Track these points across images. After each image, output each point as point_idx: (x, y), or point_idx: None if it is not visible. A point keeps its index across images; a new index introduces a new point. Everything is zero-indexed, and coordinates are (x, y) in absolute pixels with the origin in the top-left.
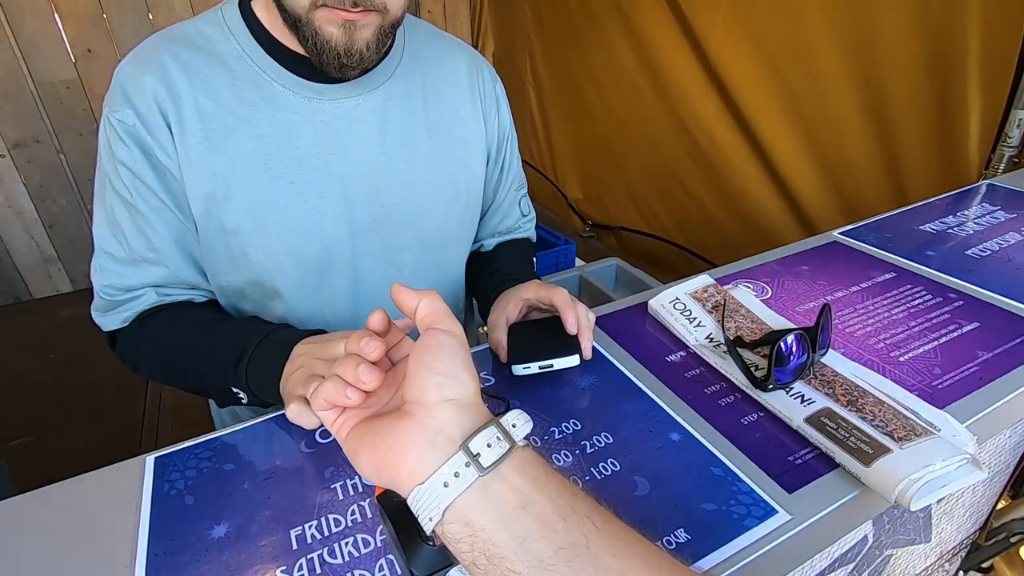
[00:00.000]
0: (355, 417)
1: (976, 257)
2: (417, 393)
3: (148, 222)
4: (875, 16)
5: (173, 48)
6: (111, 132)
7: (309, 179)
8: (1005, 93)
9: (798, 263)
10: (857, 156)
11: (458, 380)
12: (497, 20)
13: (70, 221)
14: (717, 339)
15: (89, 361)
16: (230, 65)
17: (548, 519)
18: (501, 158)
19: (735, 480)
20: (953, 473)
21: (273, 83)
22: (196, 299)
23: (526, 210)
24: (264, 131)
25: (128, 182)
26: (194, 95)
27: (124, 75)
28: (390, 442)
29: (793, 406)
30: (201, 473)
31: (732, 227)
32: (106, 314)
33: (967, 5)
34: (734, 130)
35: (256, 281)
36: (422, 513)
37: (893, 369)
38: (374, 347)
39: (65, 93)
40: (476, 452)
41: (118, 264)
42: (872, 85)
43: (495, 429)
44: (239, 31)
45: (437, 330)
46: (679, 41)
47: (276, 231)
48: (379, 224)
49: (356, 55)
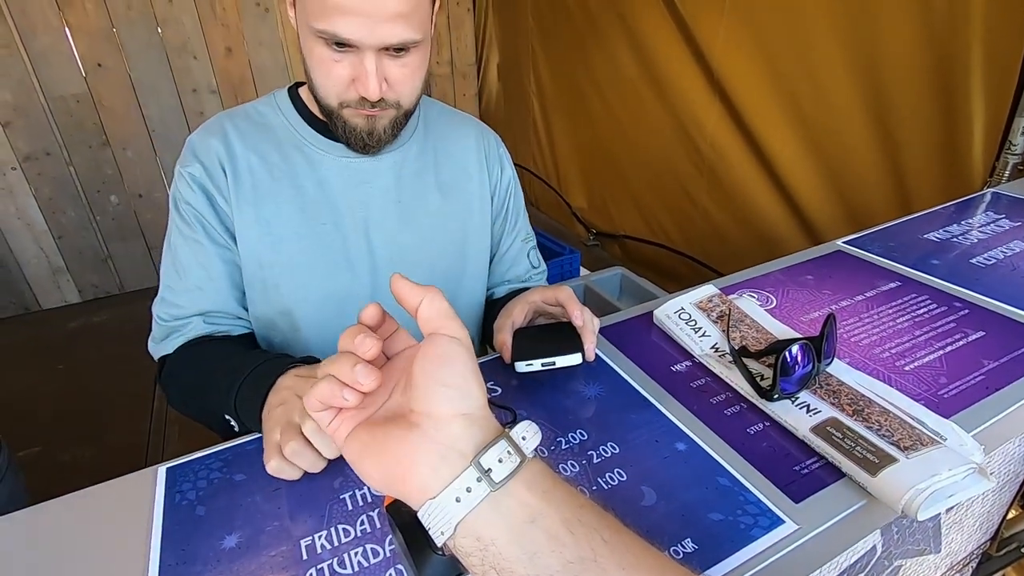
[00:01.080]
0: (353, 418)
1: (981, 266)
2: (426, 406)
3: (207, 254)
4: (878, 25)
5: (233, 120)
6: (181, 182)
7: (338, 221)
8: (1008, 101)
9: (802, 272)
10: (861, 164)
11: (468, 393)
12: (501, 31)
13: (79, 232)
14: (722, 349)
15: (96, 372)
16: (277, 134)
17: (556, 533)
18: (505, 208)
19: (742, 490)
20: (960, 483)
21: (312, 147)
22: (235, 331)
23: (536, 262)
24: (303, 183)
25: (192, 222)
26: (247, 155)
27: (194, 140)
28: (399, 456)
29: (799, 416)
30: (212, 484)
31: (736, 235)
32: (160, 343)
33: (969, 14)
34: (737, 138)
35: (286, 311)
36: (434, 527)
37: (899, 378)
38: (370, 345)
39: (75, 107)
40: (487, 467)
41: (175, 295)
42: (875, 93)
43: (506, 443)
44: (286, 108)
45: (444, 337)
46: (681, 50)
47: (307, 264)
48: (395, 264)
49: (376, 138)
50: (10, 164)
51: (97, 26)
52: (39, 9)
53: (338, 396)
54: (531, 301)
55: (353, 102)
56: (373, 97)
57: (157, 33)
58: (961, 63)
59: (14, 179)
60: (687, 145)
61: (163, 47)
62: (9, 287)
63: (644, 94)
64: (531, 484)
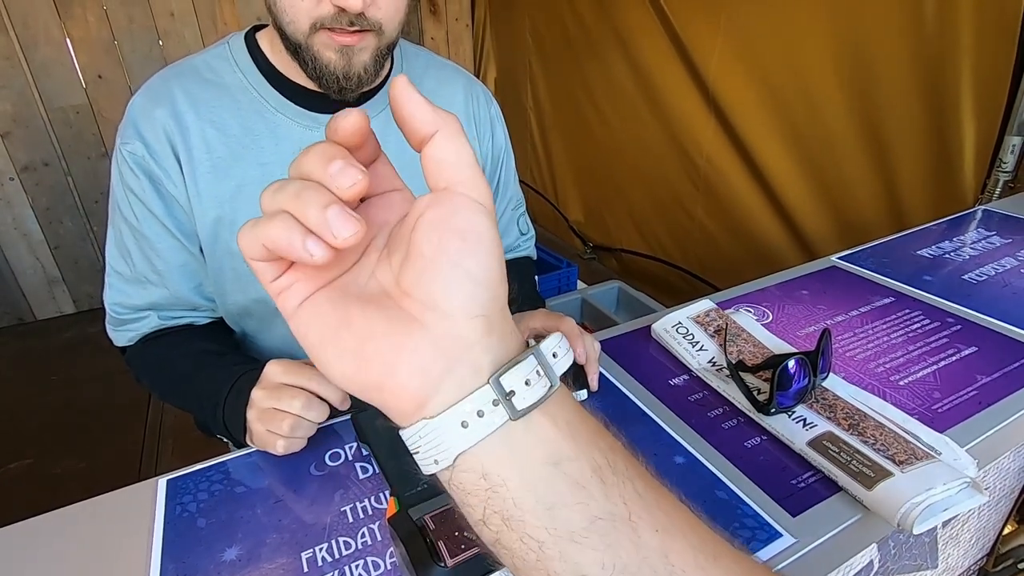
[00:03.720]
0: (310, 280)
1: (973, 282)
2: (435, 296)
3: (153, 247)
4: (871, 44)
5: (182, 81)
6: (122, 162)
7: None
8: (998, 120)
9: (798, 288)
10: (855, 181)
11: (492, 289)
12: (499, 46)
13: (75, 243)
14: (719, 363)
15: (91, 383)
16: (236, 97)
17: (584, 481)
18: (496, 177)
19: (739, 503)
20: (954, 497)
21: (276, 113)
22: (197, 321)
23: (524, 228)
24: (268, 159)
25: (136, 210)
26: (201, 126)
27: (136, 108)
28: (385, 354)
29: (795, 430)
30: (213, 496)
31: (732, 249)
32: (116, 330)
33: (959, 37)
34: (733, 154)
35: (259, 300)
36: (425, 453)
37: (893, 393)
38: (352, 179)
39: (75, 117)
40: (510, 390)
41: (125, 283)
42: (869, 112)
43: (535, 361)
44: (244, 64)
45: (466, 199)
46: (677, 67)
47: None
48: None
49: (354, 78)
50: (8, 174)
51: (98, 38)
52: (41, 21)
53: (297, 245)
54: (532, 327)
55: (328, 18)
56: (355, 7)
57: (158, 45)
58: (952, 83)
59: (12, 189)
60: (683, 160)
61: (164, 60)
62: (4, 297)
63: (641, 110)
64: (556, 417)
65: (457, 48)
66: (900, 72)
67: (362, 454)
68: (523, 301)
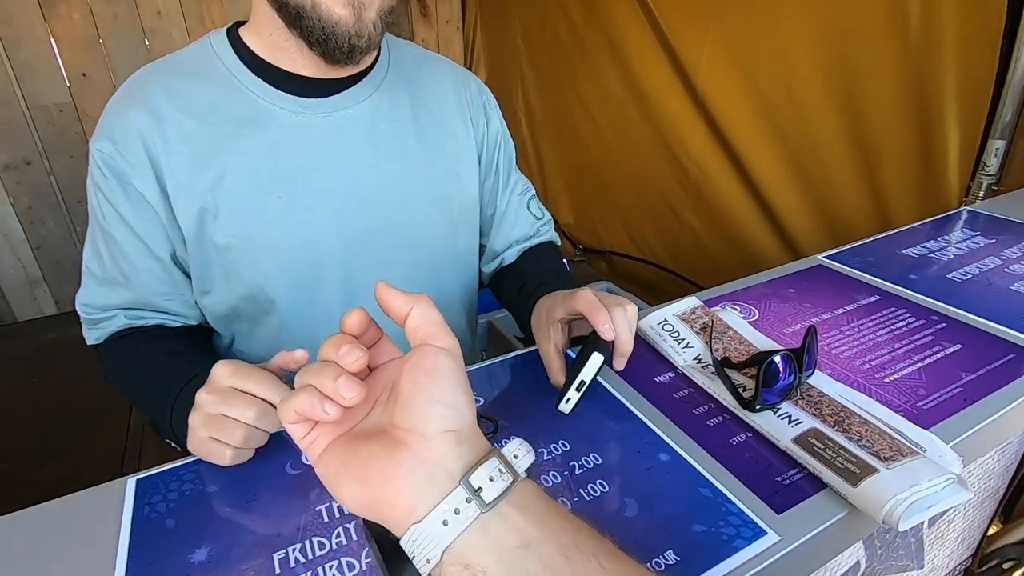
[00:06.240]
0: (330, 433)
1: (957, 281)
2: (414, 422)
3: (120, 250)
4: (857, 49)
5: (160, 77)
6: (92, 161)
7: (298, 194)
8: (982, 124)
9: (784, 286)
10: (841, 183)
11: (458, 409)
12: (489, 49)
13: (58, 243)
14: (705, 360)
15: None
16: (215, 85)
17: (551, 560)
18: (494, 164)
19: (724, 501)
20: (939, 493)
21: (258, 100)
22: (168, 323)
23: (538, 213)
24: (250, 148)
25: (105, 210)
26: (179, 118)
27: (109, 106)
28: (383, 476)
29: (781, 426)
30: (184, 496)
31: (721, 252)
32: (87, 330)
33: (943, 41)
34: (721, 157)
35: (248, 298)
36: (419, 554)
37: (878, 390)
38: (356, 356)
39: (58, 116)
40: (477, 487)
41: (97, 284)
42: (855, 115)
43: (497, 461)
44: (224, 53)
45: (434, 348)
46: (667, 71)
47: (265, 246)
48: (371, 237)
49: (366, 36)
50: None
51: (83, 36)
52: (25, 18)
53: (318, 409)
54: (558, 320)
55: None
56: None
57: (144, 44)
58: (936, 88)
59: None
60: (672, 164)
61: (150, 58)
62: None
63: (631, 114)
64: (524, 507)
65: (447, 51)
66: (886, 76)
67: None
68: (554, 282)
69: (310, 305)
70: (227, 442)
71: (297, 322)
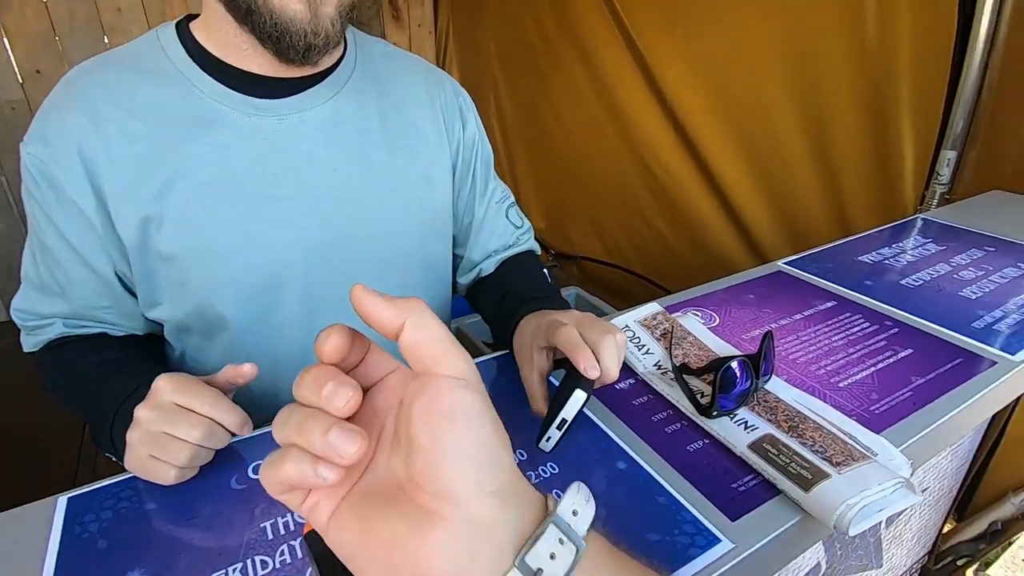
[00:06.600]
0: (335, 493)
1: (910, 287)
2: (443, 487)
3: (55, 259)
4: (818, 62)
5: (100, 73)
6: (23, 165)
7: (250, 201)
8: (935, 134)
9: (745, 292)
10: (803, 190)
11: (496, 461)
12: (461, 54)
13: (7, 245)
14: (665, 366)
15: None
16: (161, 83)
17: None
18: (471, 170)
19: (680, 509)
20: (889, 497)
21: (208, 100)
22: (111, 332)
23: (518, 221)
24: (199, 151)
25: (39, 218)
26: (121, 118)
27: (46, 108)
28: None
29: (737, 432)
30: (119, 514)
31: (689, 256)
32: (24, 337)
33: (899, 55)
34: (689, 163)
35: (197, 312)
36: None
37: (833, 395)
38: (346, 398)
39: (10, 114)
40: (537, 568)
41: (33, 290)
42: (816, 125)
43: (556, 531)
44: (172, 49)
45: (448, 381)
46: (637, 78)
47: (215, 257)
48: (334, 248)
49: (322, 33)
50: None
51: (37, 32)
52: None
53: (310, 475)
54: (542, 348)
55: None
56: None
57: (103, 42)
58: (892, 100)
59: None
60: (642, 170)
61: None
62: None
63: (601, 120)
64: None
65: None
66: (845, 88)
67: None
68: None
69: (266, 321)
70: (171, 462)
71: (252, 339)
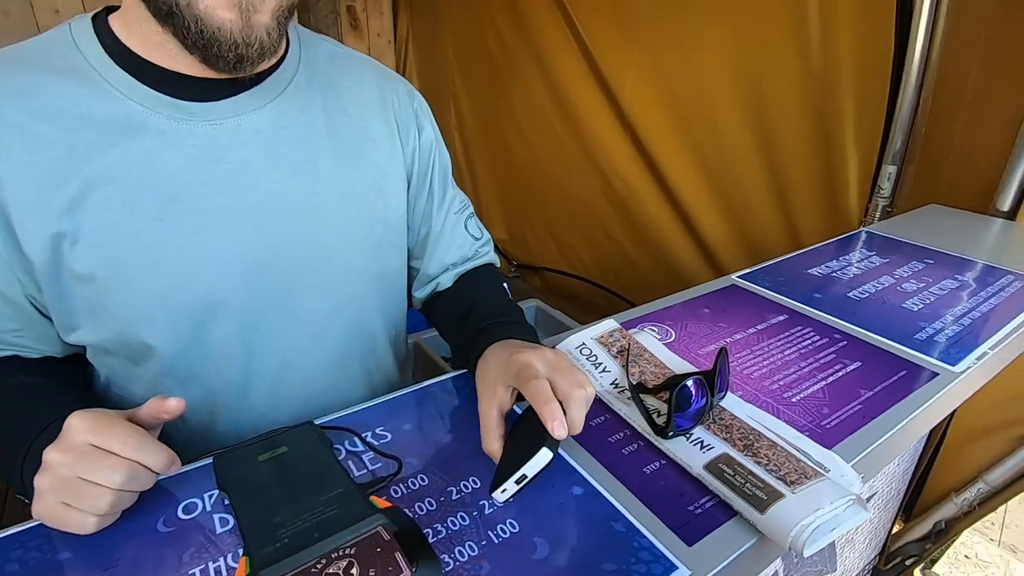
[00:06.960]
0: None
1: (856, 299)
2: None
3: None
4: (767, 79)
5: (3, 72)
6: None
7: (179, 214)
8: (876, 149)
9: (700, 306)
10: (756, 203)
11: None
12: (421, 64)
13: None
14: (622, 385)
15: None
16: (75, 83)
17: None
18: (428, 179)
19: (636, 535)
20: (841, 515)
21: (128, 101)
22: (25, 355)
23: (477, 233)
24: (118, 159)
25: None
26: (26, 122)
27: None
28: None
29: (693, 453)
30: (26, 566)
31: (649, 268)
32: None
33: (841, 74)
34: (646, 175)
35: (119, 338)
36: None
37: (786, 410)
38: None
39: None
40: None
41: None
42: (766, 138)
43: None
44: (86, 44)
45: None
46: (594, 90)
47: (139, 277)
48: (275, 262)
49: (256, 44)
50: None
51: None
52: None
53: None
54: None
55: None
56: None
57: None
58: (836, 116)
59: None
60: (601, 181)
61: None
62: None
63: (560, 131)
64: None
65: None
66: (792, 104)
67: (223, 503)
68: (498, 322)
69: (198, 348)
70: (88, 511)
71: (184, 366)
